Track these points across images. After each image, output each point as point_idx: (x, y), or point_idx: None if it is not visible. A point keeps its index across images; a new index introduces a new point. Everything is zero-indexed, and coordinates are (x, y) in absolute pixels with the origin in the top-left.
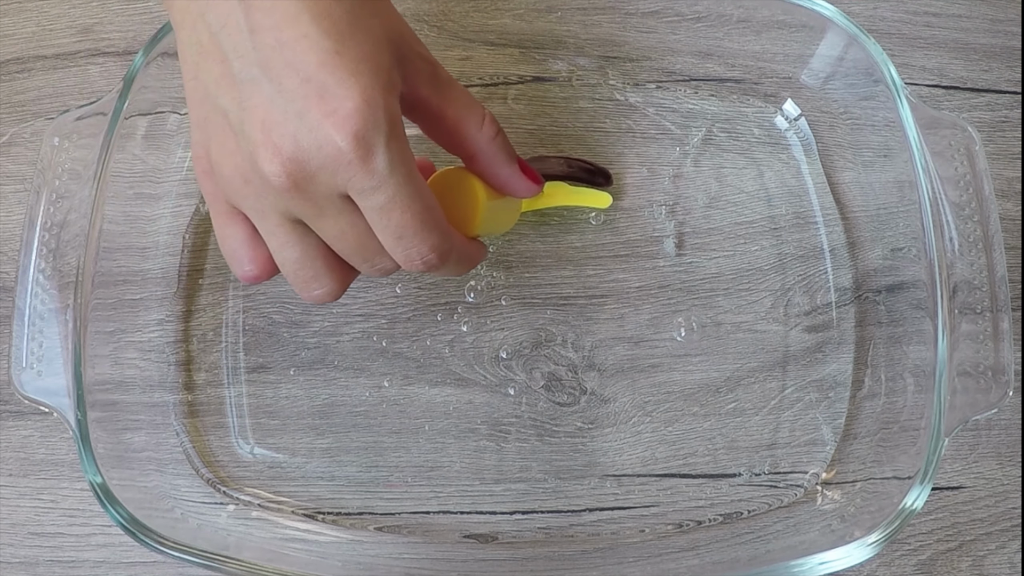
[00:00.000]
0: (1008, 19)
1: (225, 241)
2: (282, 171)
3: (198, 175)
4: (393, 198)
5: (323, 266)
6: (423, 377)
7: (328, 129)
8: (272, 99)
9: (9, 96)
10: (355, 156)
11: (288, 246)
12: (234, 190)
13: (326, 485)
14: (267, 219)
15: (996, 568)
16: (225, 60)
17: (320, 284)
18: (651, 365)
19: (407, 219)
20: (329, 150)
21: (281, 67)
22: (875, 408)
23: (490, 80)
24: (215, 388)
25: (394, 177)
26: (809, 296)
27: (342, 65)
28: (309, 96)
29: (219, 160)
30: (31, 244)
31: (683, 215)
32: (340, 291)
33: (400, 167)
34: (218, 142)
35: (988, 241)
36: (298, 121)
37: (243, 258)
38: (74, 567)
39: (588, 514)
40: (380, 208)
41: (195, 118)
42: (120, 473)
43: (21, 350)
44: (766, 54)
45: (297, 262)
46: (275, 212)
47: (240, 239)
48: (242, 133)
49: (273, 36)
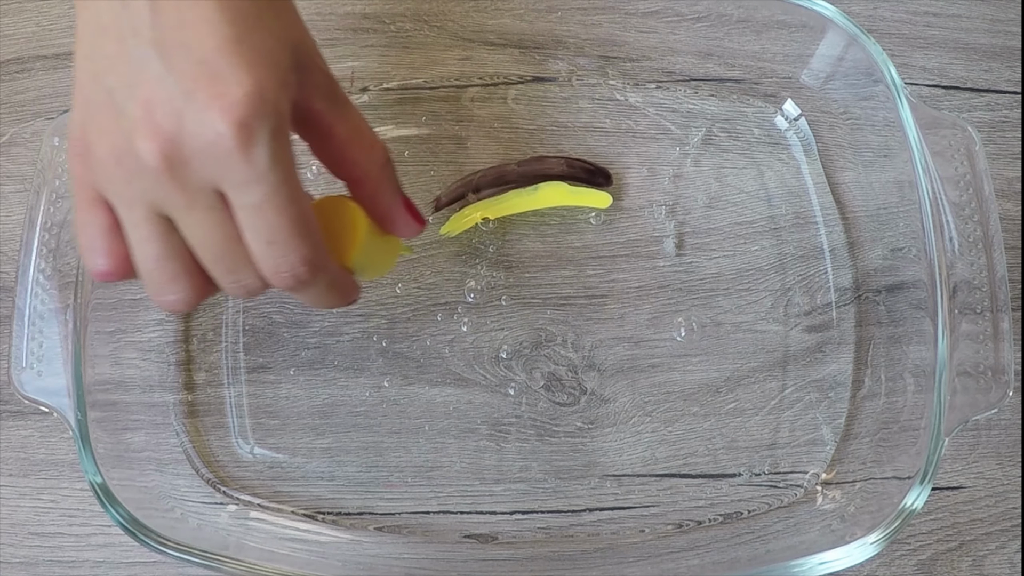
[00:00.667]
0: (1008, 19)
1: (83, 231)
2: (157, 150)
3: (69, 158)
4: (268, 197)
5: (182, 269)
6: (423, 377)
7: (213, 112)
8: (161, 78)
9: (9, 96)
10: (235, 144)
11: (149, 241)
12: (105, 173)
13: (326, 485)
14: (133, 209)
15: (996, 568)
16: (122, 39)
17: (175, 289)
18: (651, 365)
19: (281, 222)
20: (209, 134)
21: (176, 46)
22: (875, 408)
23: (490, 80)
24: (215, 388)
25: (272, 174)
26: (809, 296)
27: (239, 52)
28: (200, 78)
29: (95, 140)
30: (31, 244)
31: (683, 215)
32: (194, 301)
33: (280, 164)
34: (97, 122)
35: (988, 241)
36: (184, 101)
37: (99, 250)
38: (74, 567)
39: (588, 514)
40: (253, 206)
41: (79, 99)
42: (120, 473)
43: (21, 350)
44: (766, 54)
45: (156, 260)
46: (142, 202)
47: (99, 229)
48: (123, 112)
49: (175, 16)
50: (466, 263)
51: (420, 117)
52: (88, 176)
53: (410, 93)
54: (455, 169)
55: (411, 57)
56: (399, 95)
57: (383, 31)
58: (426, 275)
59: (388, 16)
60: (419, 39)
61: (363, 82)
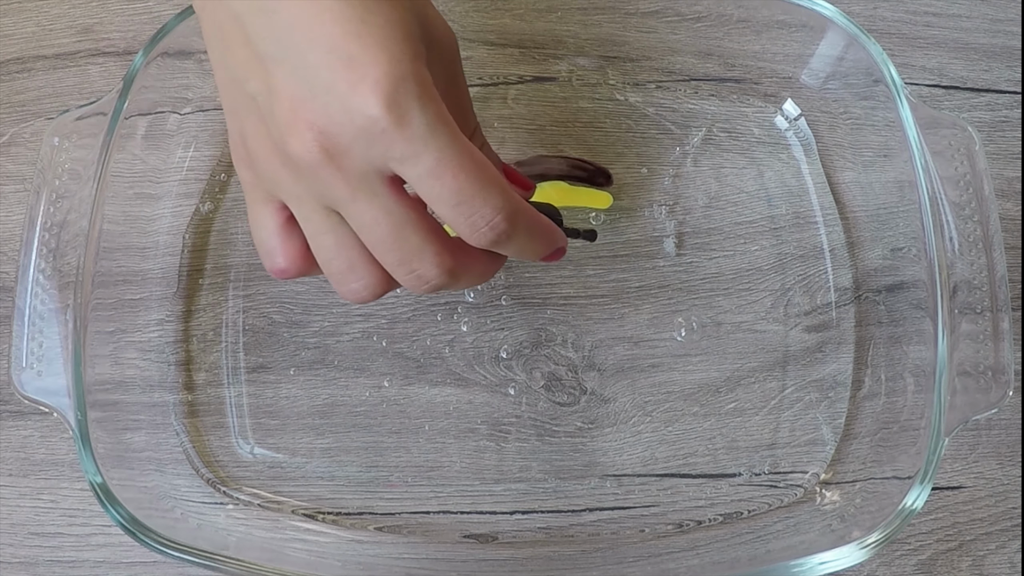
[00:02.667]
0: (1008, 19)
1: (257, 230)
2: (315, 145)
3: (235, 164)
4: (439, 160)
5: (358, 257)
6: (423, 377)
7: (357, 98)
8: (298, 75)
9: (9, 96)
10: (389, 122)
11: (323, 233)
12: (271, 175)
13: (326, 485)
14: (304, 204)
15: (996, 568)
16: (250, 43)
17: (356, 276)
18: (651, 365)
19: (461, 180)
20: (361, 120)
21: (304, 42)
22: (875, 408)
23: (490, 80)
24: (215, 388)
25: (436, 138)
26: (809, 296)
27: (367, 33)
28: (335, 67)
29: (254, 147)
30: (31, 244)
31: (683, 215)
32: (378, 289)
33: (441, 127)
34: (252, 128)
35: (988, 241)
36: (327, 94)
37: (273, 248)
38: (74, 567)
39: (588, 514)
40: (429, 173)
41: (227, 106)
42: (120, 473)
43: (21, 350)
44: (766, 54)
45: (331, 249)
46: (311, 196)
47: (272, 228)
48: (272, 115)
49: (295, 13)
50: None
51: None
52: (255, 179)
53: None
54: None
55: None
56: None
57: None
58: None
59: None
60: None
61: None
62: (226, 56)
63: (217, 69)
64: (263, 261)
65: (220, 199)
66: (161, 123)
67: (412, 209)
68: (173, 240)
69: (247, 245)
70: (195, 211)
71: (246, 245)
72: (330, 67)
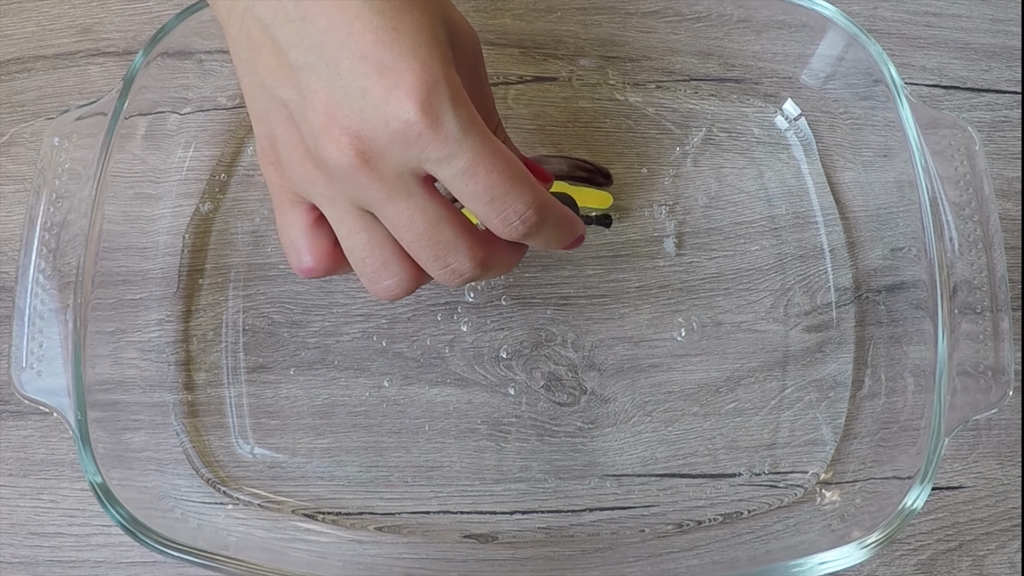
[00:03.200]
0: (1008, 19)
1: (285, 231)
2: (351, 150)
3: (264, 167)
4: (473, 160)
5: (391, 254)
6: (423, 377)
7: (393, 104)
8: (332, 82)
9: (9, 96)
10: (425, 126)
11: (356, 232)
12: (303, 178)
13: (326, 485)
14: (337, 205)
15: (996, 568)
16: (280, 51)
17: (390, 273)
18: (651, 365)
19: (495, 178)
20: (396, 124)
21: (336, 49)
22: (875, 408)
23: (490, 80)
24: (215, 388)
25: (469, 139)
26: (809, 296)
27: (399, 40)
28: (369, 74)
29: (286, 151)
30: (31, 244)
31: (683, 215)
32: (410, 286)
33: (473, 128)
34: (283, 133)
35: (988, 241)
36: (361, 100)
37: (301, 247)
38: (74, 567)
39: (588, 514)
40: (464, 172)
41: (256, 111)
42: (120, 473)
43: (21, 350)
44: (766, 54)
45: (365, 248)
46: (344, 197)
47: (300, 228)
48: (305, 121)
49: (325, 21)
50: None
51: None
52: (284, 182)
53: None
54: None
55: None
56: None
57: None
58: None
59: None
60: None
61: None
62: (255, 63)
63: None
64: (290, 260)
65: (220, 199)
66: (161, 123)
67: (445, 207)
68: (173, 240)
69: (247, 245)
70: (195, 211)
71: (246, 245)
72: (364, 74)
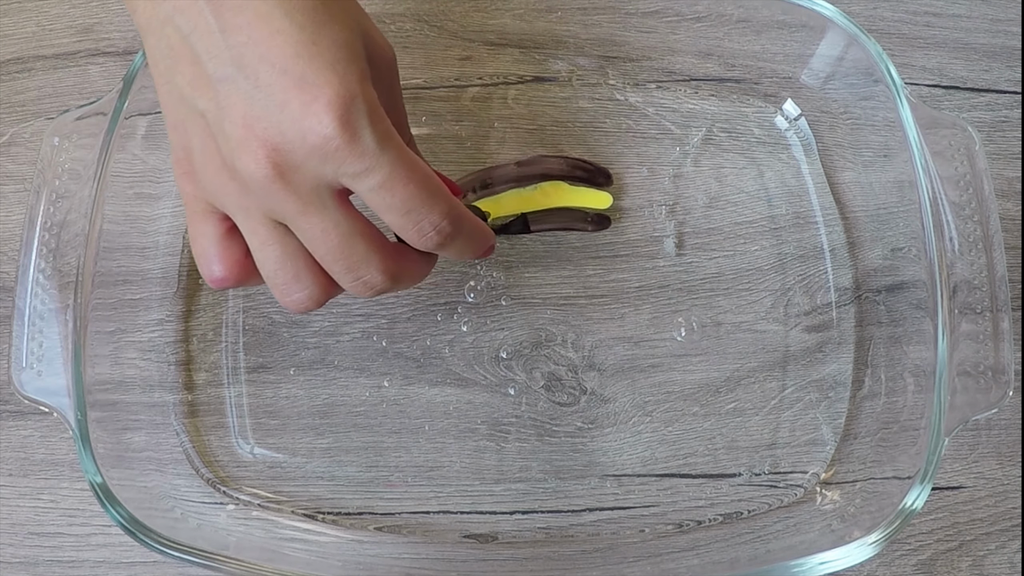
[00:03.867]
0: (1008, 19)
1: (197, 240)
2: (268, 163)
3: (177, 177)
4: (390, 173)
5: (304, 266)
6: (423, 377)
7: (311, 117)
8: (250, 95)
9: (9, 96)
10: (343, 140)
11: (269, 244)
12: (218, 189)
13: (326, 485)
14: (250, 216)
15: (996, 568)
16: (198, 62)
17: (301, 285)
18: (651, 365)
19: (411, 190)
20: (314, 138)
21: (256, 62)
22: (875, 408)
23: (490, 80)
24: (215, 388)
25: (386, 153)
26: (809, 296)
27: (318, 55)
28: (288, 87)
29: (202, 162)
30: (31, 244)
31: (683, 215)
32: (321, 298)
33: (390, 142)
34: (200, 144)
35: (988, 241)
36: (279, 113)
37: (212, 257)
38: (74, 567)
39: (588, 514)
40: (381, 186)
41: (172, 121)
42: (120, 473)
43: (21, 350)
44: (766, 54)
45: (278, 260)
46: (259, 209)
47: (212, 238)
48: (222, 132)
49: (245, 34)
50: (466, 263)
51: (420, 117)
52: (199, 192)
53: (410, 93)
54: (455, 169)
55: (411, 57)
56: None
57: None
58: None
59: (388, 16)
60: (419, 39)
61: None
62: (173, 73)
63: (161, 85)
64: (201, 270)
65: None
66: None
67: (359, 220)
68: (173, 240)
69: None
70: None
71: None
72: (283, 87)
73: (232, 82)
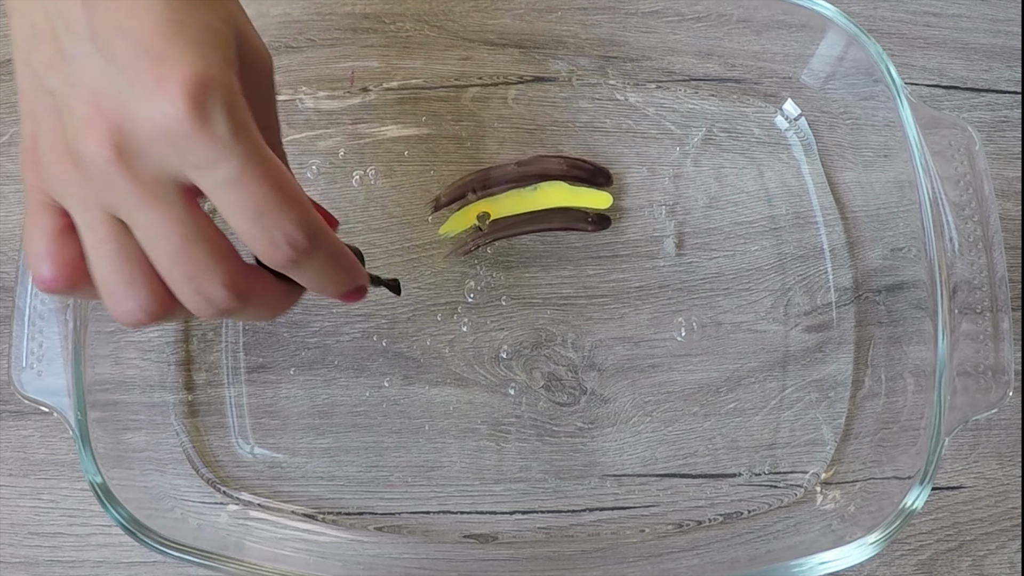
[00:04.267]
0: (1008, 19)
1: (30, 236)
2: (109, 143)
3: (23, 167)
4: (242, 168)
5: (139, 272)
6: (423, 377)
7: (160, 95)
8: (104, 70)
9: (9, 96)
10: (190, 122)
11: (105, 243)
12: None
13: (326, 485)
14: (89, 211)
15: (996, 568)
16: (57, 38)
17: (134, 293)
18: (651, 365)
19: (263, 191)
20: (161, 118)
21: (112, 34)
22: (875, 408)
23: (490, 80)
24: (215, 388)
25: (240, 144)
26: (809, 296)
27: (180, 32)
28: (142, 63)
29: (46, 147)
30: None
31: (683, 215)
32: (157, 311)
33: (244, 133)
34: (46, 127)
35: (988, 241)
36: (128, 88)
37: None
38: (74, 567)
39: (588, 514)
40: (229, 181)
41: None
42: (120, 473)
43: (21, 350)
44: (766, 54)
45: (111, 262)
46: (98, 204)
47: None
48: (68, 111)
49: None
50: (466, 263)
51: (420, 117)
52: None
53: (410, 93)
54: (455, 169)
55: (411, 57)
56: (399, 95)
57: (383, 31)
58: (426, 275)
59: (388, 16)
60: (419, 39)
61: (363, 82)
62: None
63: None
64: (31, 270)
65: None
66: None
67: (206, 224)
68: None
69: None
70: None
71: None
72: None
73: (86, 57)
